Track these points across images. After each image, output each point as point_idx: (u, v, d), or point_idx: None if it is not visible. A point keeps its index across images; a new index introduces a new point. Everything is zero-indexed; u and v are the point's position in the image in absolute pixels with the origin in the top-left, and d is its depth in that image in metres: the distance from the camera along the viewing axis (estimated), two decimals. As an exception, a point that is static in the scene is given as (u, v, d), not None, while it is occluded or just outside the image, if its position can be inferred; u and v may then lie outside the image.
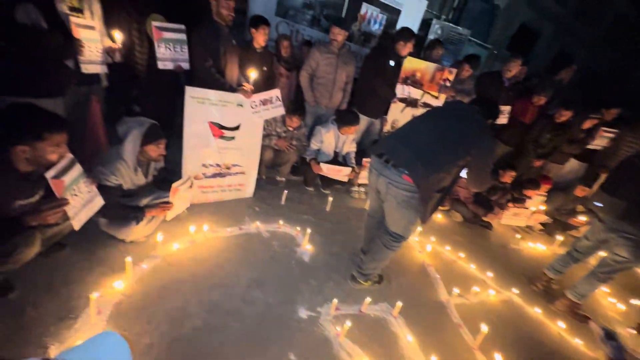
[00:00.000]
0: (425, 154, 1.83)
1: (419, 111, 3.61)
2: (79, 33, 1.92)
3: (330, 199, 3.15)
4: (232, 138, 2.66)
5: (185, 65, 2.50)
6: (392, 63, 3.31)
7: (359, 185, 3.53)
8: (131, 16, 2.29)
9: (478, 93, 3.69)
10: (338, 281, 2.32)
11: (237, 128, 2.65)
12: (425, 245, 2.99)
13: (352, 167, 3.27)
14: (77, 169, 1.60)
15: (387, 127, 3.65)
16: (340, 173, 3.23)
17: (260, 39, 2.93)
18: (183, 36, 2.43)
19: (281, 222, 2.71)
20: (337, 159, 3.40)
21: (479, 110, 1.98)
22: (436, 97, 3.61)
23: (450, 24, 5.41)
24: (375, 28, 4.37)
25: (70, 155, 1.55)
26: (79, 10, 1.98)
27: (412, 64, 3.39)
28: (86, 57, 2.01)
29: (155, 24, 2.32)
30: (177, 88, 2.69)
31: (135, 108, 2.58)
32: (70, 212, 1.57)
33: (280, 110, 2.75)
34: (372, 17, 4.30)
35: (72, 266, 1.87)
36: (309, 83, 3.29)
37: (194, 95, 2.38)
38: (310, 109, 3.44)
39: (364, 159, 3.29)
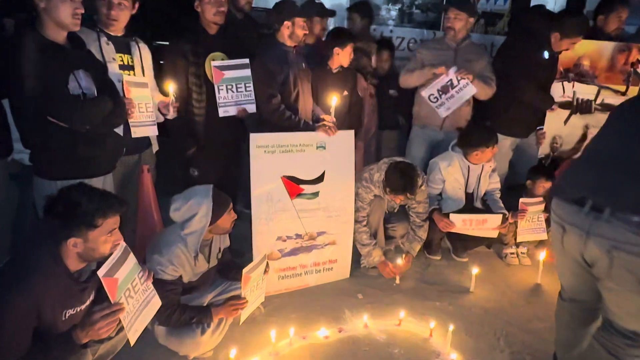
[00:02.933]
0: None
1: (596, 118, 3.31)
2: (130, 92, 2.29)
3: (475, 271, 2.90)
4: (315, 195, 2.76)
5: (251, 108, 2.77)
6: (545, 55, 3.20)
7: (517, 244, 3.27)
8: (188, 60, 2.66)
9: None
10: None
11: (320, 179, 2.76)
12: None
13: (503, 215, 3.04)
14: (131, 260, 1.76)
15: (545, 148, 3.43)
16: (484, 226, 3.04)
17: (345, 59, 3.13)
18: (247, 72, 2.73)
19: (402, 314, 2.57)
20: (474, 205, 3.24)
21: None
22: (623, 93, 3.30)
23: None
24: (499, 4, 4.31)
25: (122, 244, 1.74)
26: (130, 68, 2.40)
27: (574, 50, 3.19)
28: (136, 119, 2.36)
29: (215, 63, 2.66)
30: (242, 140, 2.97)
31: (193, 172, 2.86)
32: (125, 320, 1.70)
33: (470, 90, 3.04)
34: (492, -10, 4.29)
35: (126, 398, 2.00)
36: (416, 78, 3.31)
37: (261, 144, 2.58)
38: (419, 133, 3.44)
39: (522, 200, 3.06)
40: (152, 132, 2.49)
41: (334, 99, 2.72)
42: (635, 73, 3.20)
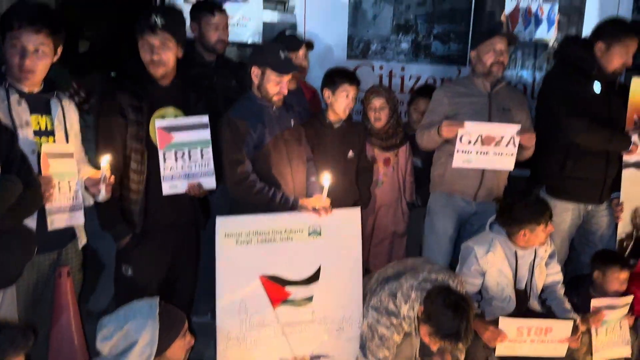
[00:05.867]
0: None
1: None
2: (49, 167, 2.24)
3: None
4: (308, 300, 2.75)
5: (209, 183, 2.77)
6: (596, 88, 3.32)
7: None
8: (127, 117, 2.65)
9: None
10: None
11: (314, 278, 2.75)
12: None
13: (573, 321, 2.98)
14: None
15: (625, 225, 3.46)
16: (548, 337, 2.96)
17: (341, 105, 3.23)
18: (205, 134, 2.75)
19: None
20: (528, 307, 3.19)
21: None
22: None
23: None
24: (543, 31, 4.52)
25: None
26: (49, 133, 2.36)
27: None
28: (55, 204, 2.32)
29: (160, 123, 2.68)
30: (201, 224, 2.98)
31: (126, 270, 2.83)
32: None
33: (506, 164, 3.16)
34: (531, 13, 4.48)
35: None
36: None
37: (231, 231, 2.59)
38: (444, 202, 3.48)
39: (595, 303, 3.02)
40: (77, 220, 2.45)
41: (327, 179, 2.72)
42: None
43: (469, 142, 3.06)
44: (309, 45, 3.60)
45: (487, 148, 3.08)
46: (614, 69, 3.28)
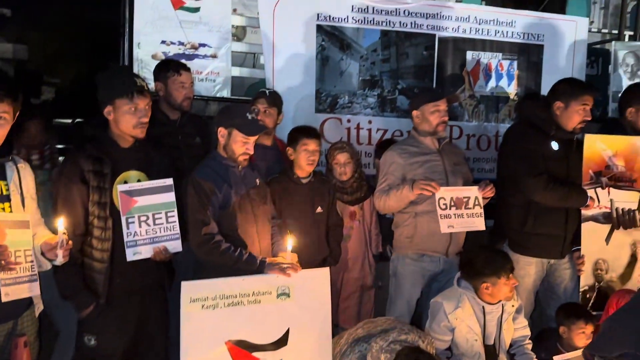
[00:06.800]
0: None
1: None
2: (5, 237, 2.16)
3: None
4: None
5: (174, 246, 2.71)
6: (555, 146, 3.39)
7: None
8: (88, 184, 2.61)
9: None
10: None
11: (283, 342, 2.68)
12: None
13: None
14: None
15: (587, 278, 3.48)
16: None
17: (304, 159, 3.27)
18: (169, 197, 2.69)
19: None
20: None
21: None
22: None
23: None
24: (504, 85, 4.69)
25: None
26: (5, 199, 2.29)
27: (599, 144, 3.38)
28: (11, 275, 2.22)
29: (122, 187, 2.62)
30: (167, 286, 2.91)
31: (88, 340, 2.71)
32: None
33: (478, 224, 3.25)
34: (491, 69, 4.65)
35: None
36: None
37: (197, 296, 2.51)
38: (414, 267, 3.47)
39: (556, 358, 3.01)
40: (33, 291, 2.35)
41: (290, 243, 2.73)
42: None
43: (446, 207, 3.13)
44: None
45: (460, 211, 3.16)
46: (573, 127, 3.33)
